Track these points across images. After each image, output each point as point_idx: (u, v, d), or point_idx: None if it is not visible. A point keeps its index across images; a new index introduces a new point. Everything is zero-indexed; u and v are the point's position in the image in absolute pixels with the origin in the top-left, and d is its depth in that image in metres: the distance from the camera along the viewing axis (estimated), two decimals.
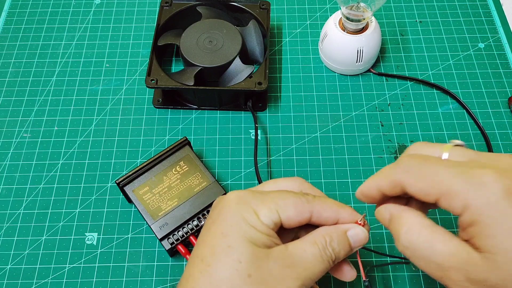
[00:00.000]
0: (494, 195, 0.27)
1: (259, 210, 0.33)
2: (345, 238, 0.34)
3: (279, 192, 0.35)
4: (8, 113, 0.56)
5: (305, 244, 0.33)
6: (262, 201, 0.34)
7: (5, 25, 0.64)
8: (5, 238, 0.48)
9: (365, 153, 0.53)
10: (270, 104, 0.57)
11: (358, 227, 0.35)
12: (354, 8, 0.53)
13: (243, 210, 0.33)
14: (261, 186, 0.38)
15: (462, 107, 0.56)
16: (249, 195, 0.34)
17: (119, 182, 0.47)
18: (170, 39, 0.57)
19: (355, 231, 0.35)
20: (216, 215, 0.34)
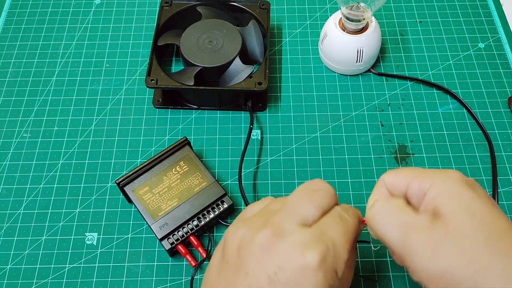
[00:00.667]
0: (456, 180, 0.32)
1: (338, 266, 0.31)
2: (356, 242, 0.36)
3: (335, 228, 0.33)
4: (8, 113, 0.56)
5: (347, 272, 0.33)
6: (336, 255, 0.31)
7: (5, 25, 0.64)
8: (5, 238, 0.48)
9: (365, 153, 0.53)
10: (270, 104, 0.57)
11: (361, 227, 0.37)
12: (354, 8, 0.53)
13: (327, 272, 0.31)
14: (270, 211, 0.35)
15: (463, 106, 0.56)
16: (331, 254, 0.31)
17: (119, 182, 0.47)
18: (170, 39, 0.57)
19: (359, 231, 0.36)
20: (289, 268, 0.30)
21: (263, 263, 0.30)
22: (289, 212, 0.33)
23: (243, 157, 0.51)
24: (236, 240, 0.32)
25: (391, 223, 0.33)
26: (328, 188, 0.35)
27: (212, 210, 0.47)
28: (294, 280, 0.30)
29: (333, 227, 0.33)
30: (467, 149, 0.53)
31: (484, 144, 0.53)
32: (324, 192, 0.34)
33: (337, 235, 0.32)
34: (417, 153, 0.53)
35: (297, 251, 0.30)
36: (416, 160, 0.53)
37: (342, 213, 0.34)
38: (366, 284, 0.46)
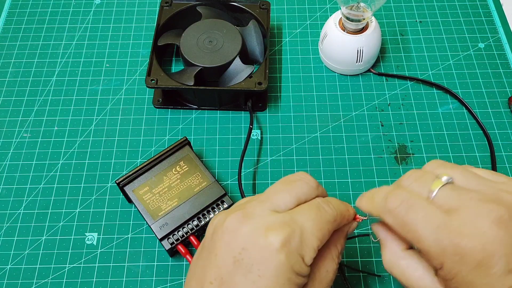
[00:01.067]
0: (470, 264, 0.28)
1: (305, 253, 0.31)
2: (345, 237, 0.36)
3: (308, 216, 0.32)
4: (8, 113, 0.56)
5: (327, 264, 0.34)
6: (304, 240, 0.31)
7: (5, 25, 0.64)
8: (5, 238, 0.48)
9: (365, 153, 0.53)
10: (270, 104, 0.57)
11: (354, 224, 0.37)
12: (354, 8, 0.53)
13: (291, 257, 0.30)
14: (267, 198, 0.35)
15: (464, 106, 0.56)
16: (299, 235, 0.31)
17: (119, 182, 0.47)
18: (170, 39, 0.57)
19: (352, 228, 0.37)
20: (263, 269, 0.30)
21: (230, 245, 0.31)
22: (262, 199, 0.34)
23: (242, 157, 0.51)
24: (212, 226, 0.34)
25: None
26: (308, 180, 0.35)
27: (212, 210, 0.47)
28: (256, 260, 0.30)
29: (305, 214, 0.33)
30: (467, 149, 0.53)
31: (484, 144, 0.53)
32: (302, 183, 0.35)
33: (308, 221, 0.32)
34: (417, 153, 0.53)
35: (260, 233, 0.31)
36: (416, 160, 0.53)
37: (321, 204, 0.34)
38: (367, 280, 0.46)
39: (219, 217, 0.34)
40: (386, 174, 0.52)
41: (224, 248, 0.32)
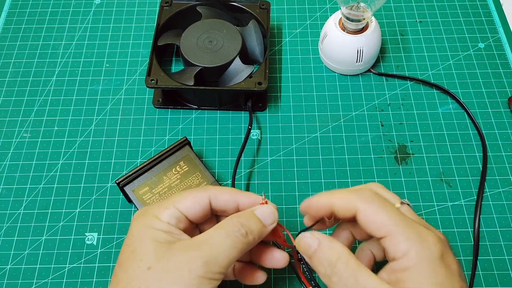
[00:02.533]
0: (432, 254, 0.31)
1: (159, 213, 0.35)
2: (252, 215, 0.36)
3: (176, 194, 0.37)
4: (8, 113, 0.56)
5: (210, 229, 0.35)
6: (160, 205, 0.36)
7: (5, 25, 0.64)
8: (5, 238, 0.48)
9: (365, 153, 0.53)
10: (270, 104, 0.57)
11: (263, 206, 0.37)
12: (354, 8, 0.53)
13: (144, 219, 0.35)
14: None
15: (461, 107, 0.56)
16: (150, 206, 0.37)
17: (119, 182, 0.47)
18: (170, 39, 0.57)
19: (262, 209, 0.36)
20: (126, 235, 0.36)
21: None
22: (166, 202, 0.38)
23: (239, 158, 0.51)
24: None
25: None
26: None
27: None
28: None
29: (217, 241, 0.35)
30: (467, 149, 0.53)
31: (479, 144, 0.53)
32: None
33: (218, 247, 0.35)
34: (417, 153, 0.53)
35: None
36: (416, 160, 0.53)
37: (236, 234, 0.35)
38: None
39: None
40: (386, 174, 0.52)
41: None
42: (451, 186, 0.51)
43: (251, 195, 0.38)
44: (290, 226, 0.49)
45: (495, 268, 0.46)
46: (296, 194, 0.50)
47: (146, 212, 0.36)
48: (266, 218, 0.36)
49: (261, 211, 0.36)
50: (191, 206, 0.36)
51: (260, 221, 0.36)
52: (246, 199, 0.37)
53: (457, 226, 0.49)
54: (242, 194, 0.38)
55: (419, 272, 0.31)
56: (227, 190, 0.37)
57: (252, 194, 0.38)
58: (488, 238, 0.48)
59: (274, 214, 0.37)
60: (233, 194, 0.37)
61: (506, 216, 0.49)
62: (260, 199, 0.37)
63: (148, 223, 0.35)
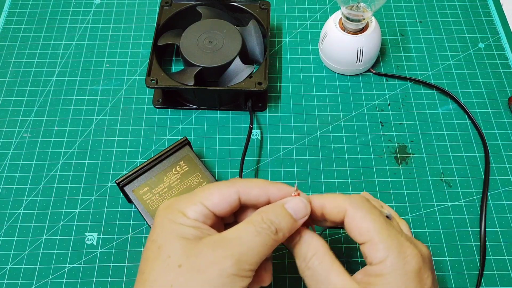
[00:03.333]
0: (408, 266, 0.32)
1: (184, 208, 0.34)
2: (283, 210, 0.34)
3: (204, 187, 0.35)
4: (8, 113, 0.56)
5: (240, 225, 0.34)
6: (186, 201, 0.35)
7: (5, 25, 0.64)
8: (5, 238, 0.48)
9: (365, 153, 0.53)
10: (270, 104, 0.57)
11: (295, 198, 0.35)
12: (354, 8, 0.53)
13: (169, 214, 0.34)
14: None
15: (460, 107, 0.56)
16: (175, 200, 0.35)
17: (119, 182, 0.47)
18: (170, 39, 0.57)
19: (293, 202, 0.35)
20: (151, 230, 0.35)
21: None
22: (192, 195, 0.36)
23: (243, 158, 0.51)
24: None
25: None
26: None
27: None
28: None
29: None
30: (467, 149, 0.53)
31: (480, 144, 0.53)
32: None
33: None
34: (417, 153, 0.53)
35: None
36: (416, 160, 0.53)
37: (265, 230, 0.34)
38: None
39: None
40: (386, 174, 0.52)
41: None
42: (451, 186, 0.51)
43: (282, 187, 0.36)
44: None
45: (495, 268, 0.46)
46: None
47: (172, 207, 0.35)
48: (297, 212, 0.35)
49: (292, 205, 0.35)
50: (219, 203, 0.34)
51: (291, 216, 0.34)
52: (277, 191, 0.35)
53: (457, 226, 0.49)
54: (272, 186, 0.36)
55: (390, 280, 0.32)
56: (257, 184, 0.36)
57: (284, 186, 0.36)
58: (489, 238, 0.48)
59: (306, 207, 0.35)
60: (263, 188, 0.35)
61: (506, 216, 0.49)
62: (292, 191, 0.35)
63: (174, 218, 0.34)
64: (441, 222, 0.49)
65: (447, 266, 0.47)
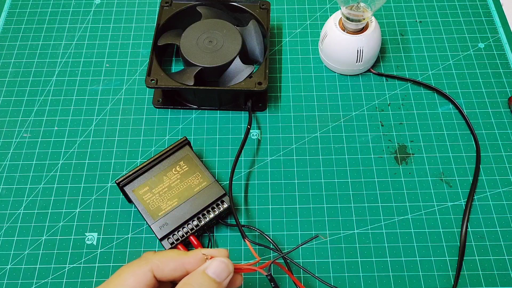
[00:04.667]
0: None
1: None
2: (205, 278, 0.33)
3: (117, 272, 0.34)
4: (8, 113, 0.56)
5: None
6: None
7: (5, 25, 0.64)
8: (5, 238, 0.48)
9: (365, 153, 0.53)
10: (270, 104, 0.57)
11: (214, 261, 0.34)
12: (354, 8, 0.53)
13: None
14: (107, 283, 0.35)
15: (456, 108, 0.56)
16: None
17: (119, 182, 0.47)
18: (170, 39, 0.57)
19: (213, 265, 0.34)
20: None
21: None
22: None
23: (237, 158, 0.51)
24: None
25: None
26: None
27: (212, 210, 0.47)
28: None
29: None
30: (467, 149, 0.53)
31: (484, 144, 0.53)
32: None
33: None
34: (417, 153, 0.53)
35: None
36: (416, 160, 0.53)
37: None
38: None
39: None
40: (386, 174, 0.52)
41: None
42: (451, 186, 0.51)
43: (196, 254, 0.34)
44: (290, 226, 0.49)
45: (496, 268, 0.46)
46: (296, 194, 0.50)
47: None
48: (220, 275, 0.34)
49: (214, 269, 0.34)
50: (135, 286, 0.33)
51: (214, 281, 0.33)
52: (193, 260, 0.34)
53: (457, 226, 0.49)
54: (187, 256, 0.34)
55: None
56: (171, 257, 0.34)
57: (197, 253, 0.34)
58: (488, 238, 0.48)
59: (228, 266, 0.34)
60: (178, 260, 0.34)
61: (507, 216, 0.49)
62: (205, 254, 0.34)
63: None
64: (441, 222, 0.49)
65: (447, 266, 0.47)
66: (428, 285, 0.46)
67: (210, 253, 0.34)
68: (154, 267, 0.34)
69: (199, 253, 0.34)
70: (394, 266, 0.46)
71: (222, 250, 0.35)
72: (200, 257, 0.34)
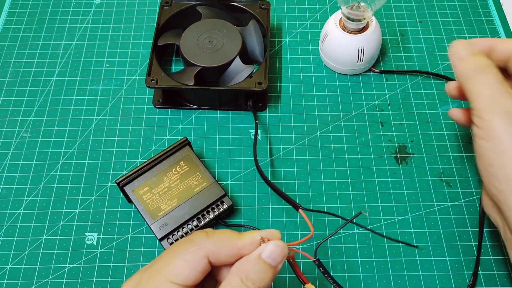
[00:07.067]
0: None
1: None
2: (261, 263, 0.31)
3: (166, 258, 0.32)
4: (8, 113, 0.56)
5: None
6: (153, 282, 0.30)
7: (5, 25, 0.64)
8: (5, 238, 0.48)
9: (365, 153, 0.53)
10: (270, 104, 0.57)
11: (268, 245, 0.32)
12: (355, 8, 0.53)
13: None
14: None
15: None
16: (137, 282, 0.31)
17: (119, 182, 0.47)
18: (170, 39, 0.57)
19: (269, 250, 0.32)
20: None
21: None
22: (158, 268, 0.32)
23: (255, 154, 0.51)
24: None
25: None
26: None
27: (212, 211, 0.47)
28: None
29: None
30: (467, 149, 0.53)
31: None
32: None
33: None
34: (417, 153, 0.53)
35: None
36: (416, 160, 0.53)
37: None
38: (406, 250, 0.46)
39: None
40: (386, 174, 0.52)
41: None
42: (451, 186, 0.51)
43: (252, 238, 0.32)
44: (290, 226, 0.49)
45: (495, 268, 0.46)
46: (296, 194, 0.50)
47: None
48: (275, 259, 0.32)
49: (269, 254, 0.31)
50: (189, 274, 0.31)
51: (270, 266, 0.31)
52: (249, 245, 0.32)
53: (457, 226, 0.49)
54: (242, 240, 0.32)
55: None
56: (226, 242, 0.32)
57: (253, 236, 0.32)
58: (488, 238, 0.48)
59: (283, 250, 0.32)
60: (233, 244, 0.32)
61: None
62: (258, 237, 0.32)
63: None
64: (441, 222, 0.49)
65: (447, 266, 0.47)
66: (428, 285, 0.46)
67: (266, 235, 0.32)
68: (209, 253, 0.31)
69: (255, 236, 0.32)
70: (394, 266, 0.46)
71: (274, 232, 0.33)
72: (256, 241, 0.32)
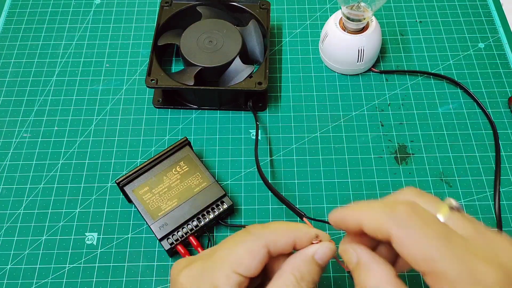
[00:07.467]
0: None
1: (218, 281, 0.30)
2: (314, 264, 0.31)
3: (227, 247, 0.31)
4: (8, 113, 0.56)
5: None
6: (216, 270, 0.30)
7: (5, 25, 0.64)
8: (5, 238, 0.48)
9: (365, 153, 0.53)
10: (270, 104, 0.57)
11: (322, 247, 0.32)
12: (355, 8, 0.53)
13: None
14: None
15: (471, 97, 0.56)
16: (202, 269, 0.31)
17: (119, 182, 0.47)
18: (170, 39, 0.57)
19: (322, 252, 0.32)
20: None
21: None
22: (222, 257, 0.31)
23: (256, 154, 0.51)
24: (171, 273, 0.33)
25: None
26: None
27: (212, 211, 0.47)
28: None
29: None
30: (467, 149, 0.53)
31: (484, 144, 0.53)
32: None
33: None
34: (417, 153, 0.53)
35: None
36: (416, 160, 0.53)
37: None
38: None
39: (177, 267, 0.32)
40: (386, 174, 0.52)
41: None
42: (451, 186, 0.51)
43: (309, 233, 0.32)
44: None
45: None
46: (296, 194, 0.50)
47: (201, 279, 0.30)
48: (324, 260, 0.32)
49: (321, 256, 0.31)
50: (251, 264, 0.30)
51: (320, 267, 0.31)
52: (305, 238, 0.32)
53: None
54: (298, 231, 0.32)
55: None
56: (285, 233, 0.32)
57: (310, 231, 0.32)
58: None
59: (333, 254, 0.32)
60: (291, 235, 0.32)
61: (506, 216, 0.49)
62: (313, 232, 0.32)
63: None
64: None
65: None
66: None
67: (321, 235, 0.32)
68: (269, 243, 0.31)
69: (311, 232, 0.32)
70: None
71: (325, 234, 0.32)
72: (311, 236, 0.32)
